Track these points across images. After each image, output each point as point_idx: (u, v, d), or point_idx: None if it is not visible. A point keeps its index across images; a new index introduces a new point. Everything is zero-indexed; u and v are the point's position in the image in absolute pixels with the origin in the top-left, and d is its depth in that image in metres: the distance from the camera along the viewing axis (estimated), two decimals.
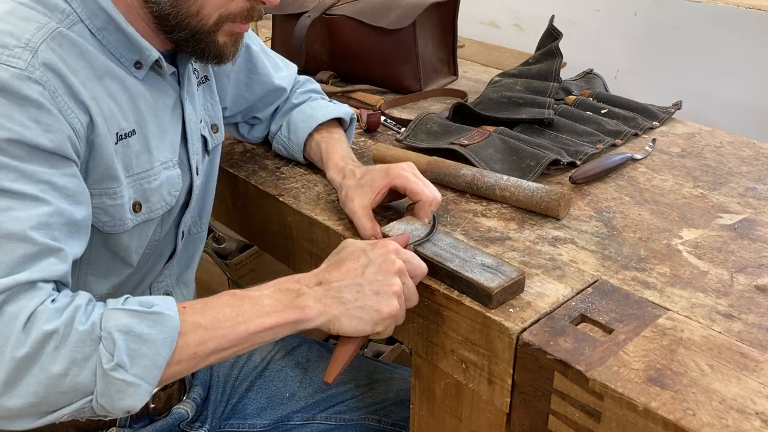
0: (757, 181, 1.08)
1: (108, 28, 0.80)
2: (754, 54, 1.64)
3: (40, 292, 0.66)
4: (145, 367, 0.67)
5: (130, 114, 0.82)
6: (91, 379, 0.66)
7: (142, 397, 0.67)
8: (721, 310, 0.78)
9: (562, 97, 1.35)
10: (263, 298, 0.74)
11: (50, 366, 0.64)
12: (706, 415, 0.63)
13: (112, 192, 0.81)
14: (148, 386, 0.67)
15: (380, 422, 1.13)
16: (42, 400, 0.65)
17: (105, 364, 0.65)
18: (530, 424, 0.76)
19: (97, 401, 0.67)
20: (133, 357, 0.66)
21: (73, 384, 0.65)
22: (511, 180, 0.99)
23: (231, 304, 0.72)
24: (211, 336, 0.70)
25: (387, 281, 0.75)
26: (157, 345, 0.67)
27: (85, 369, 0.65)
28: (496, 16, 2.12)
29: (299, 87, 1.16)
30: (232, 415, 1.10)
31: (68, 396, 0.66)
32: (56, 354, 0.65)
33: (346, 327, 0.74)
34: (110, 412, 0.68)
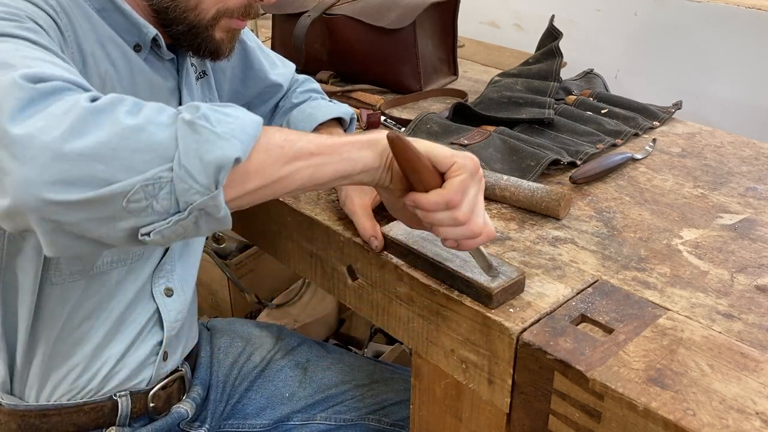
0: (758, 181, 1.08)
1: (107, 7, 0.81)
2: (754, 54, 1.64)
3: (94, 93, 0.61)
4: (235, 129, 0.59)
5: (127, 83, 0.83)
6: (172, 142, 0.57)
7: (235, 149, 0.58)
8: (721, 310, 0.78)
9: (563, 97, 1.35)
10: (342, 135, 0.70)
11: (125, 119, 0.57)
12: (707, 415, 0.63)
13: None
14: (239, 143, 0.58)
15: (380, 422, 1.13)
16: (113, 154, 0.55)
17: (188, 117, 0.58)
18: (530, 424, 0.76)
19: (180, 163, 0.57)
20: (219, 120, 0.59)
21: (150, 140, 0.57)
22: (511, 180, 0.99)
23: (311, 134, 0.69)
24: (298, 137, 0.65)
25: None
26: (243, 120, 0.61)
27: (167, 130, 0.57)
28: (496, 16, 2.12)
29: (299, 86, 1.16)
30: (232, 414, 1.10)
31: (144, 155, 0.56)
32: (132, 113, 0.58)
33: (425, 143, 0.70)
34: (196, 179, 0.57)
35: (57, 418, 0.90)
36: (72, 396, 0.91)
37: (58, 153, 0.55)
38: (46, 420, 0.90)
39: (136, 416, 0.95)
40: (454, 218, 0.69)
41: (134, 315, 0.92)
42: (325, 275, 0.98)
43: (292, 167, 0.65)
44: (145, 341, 0.94)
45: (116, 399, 0.93)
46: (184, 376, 1.02)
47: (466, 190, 0.69)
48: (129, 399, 0.94)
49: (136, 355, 0.93)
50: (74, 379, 0.90)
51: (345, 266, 0.93)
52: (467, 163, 0.70)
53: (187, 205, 0.58)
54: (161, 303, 0.94)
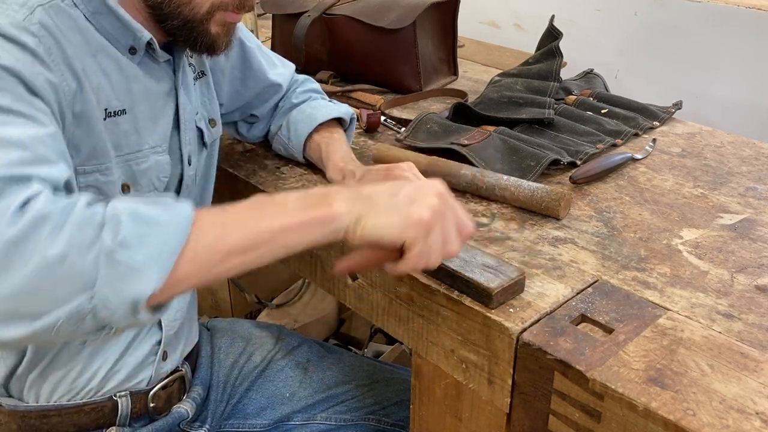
0: (758, 181, 1.08)
1: (101, 11, 0.80)
2: (754, 54, 1.64)
3: (36, 186, 0.61)
4: (155, 249, 0.59)
5: (121, 93, 0.83)
6: (92, 269, 0.58)
7: (150, 284, 0.59)
8: (721, 310, 0.78)
9: (563, 97, 1.35)
10: (289, 200, 0.67)
11: (46, 248, 0.57)
12: (707, 415, 0.63)
13: (104, 168, 0.81)
14: (158, 270, 0.59)
15: (380, 422, 1.13)
16: (35, 291, 0.57)
17: (109, 242, 0.58)
18: (530, 424, 0.76)
19: (100, 294, 0.58)
20: (140, 238, 0.59)
21: (71, 271, 0.57)
22: (511, 180, 0.99)
23: (254, 207, 0.66)
24: (231, 231, 0.63)
25: (424, 194, 0.69)
26: (168, 229, 0.60)
27: (86, 255, 0.58)
28: (496, 16, 2.12)
29: (299, 86, 1.16)
30: (233, 414, 1.10)
31: (66, 286, 0.58)
32: (53, 236, 0.57)
33: (372, 225, 0.67)
34: (115, 310, 0.59)
35: (57, 418, 0.90)
36: (72, 396, 0.91)
37: None
38: (47, 421, 0.90)
39: (136, 416, 0.95)
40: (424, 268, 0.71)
41: None
42: (325, 275, 0.98)
43: (222, 267, 0.63)
44: (143, 341, 0.94)
45: (116, 399, 0.93)
46: (184, 376, 1.02)
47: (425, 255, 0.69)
48: (129, 399, 0.94)
49: (135, 355, 0.93)
50: (73, 379, 0.90)
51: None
52: (418, 234, 0.67)
53: (111, 326, 0.61)
54: None
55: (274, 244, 0.65)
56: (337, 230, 0.67)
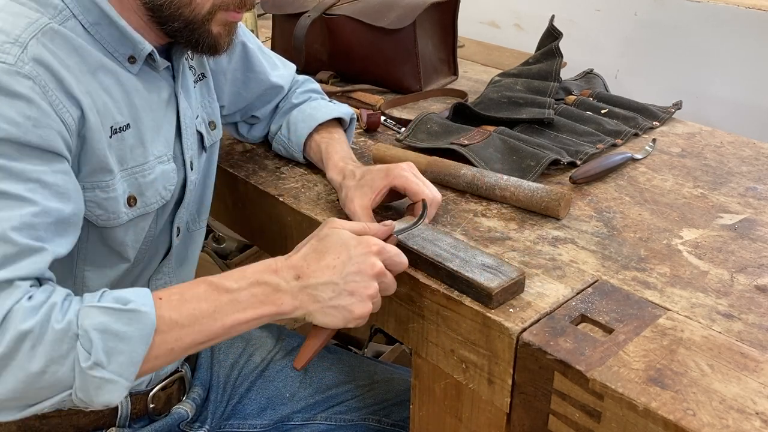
0: (757, 181, 1.08)
1: (101, 22, 0.80)
2: (754, 54, 1.64)
3: (17, 291, 0.67)
4: (123, 364, 0.68)
5: (124, 108, 0.82)
6: (70, 375, 0.67)
7: (119, 392, 0.69)
8: (721, 310, 0.78)
9: (562, 97, 1.35)
10: (240, 292, 0.74)
11: (28, 364, 0.65)
12: (706, 415, 0.63)
13: (104, 185, 0.80)
14: (125, 381, 0.69)
15: (380, 422, 1.13)
16: (22, 396, 0.67)
17: (82, 362, 0.67)
18: (530, 424, 0.76)
19: (76, 395, 0.68)
20: (110, 354, 0.67)
21: (52, 380, 0.67)
22: (511, 180, 0.99)
23: (207, 298, 0.73)
24: (188, 332, 0.72)
25: (364, 284, 0.76)
26: (133, 342, 0.68)
27: (64, 366, 0.66)
28: (496, 16, 2.12)
29: (299, 87, 1.16)
30: (232, 415, 1.10)
31: (48, 391, 0.67)
32: (33, 353, 0.65)
33: (319, 320, 0.77)
34: (89, 405, 0.70)
35: (57, 419, 0.90)
36: None
37: None
38: (46, 422, 0.90)
39: (136, 417, 0.95)
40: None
41: None
42: None
43: (180, 357, 0.74)
44: None
45: None
46: (183, 377, 1.02)
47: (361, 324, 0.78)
48: (129, 400, 0.94)
49: None
50: None
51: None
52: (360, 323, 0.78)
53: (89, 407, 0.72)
54: None
55: (227, 335, 0.75)
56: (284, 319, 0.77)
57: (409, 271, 0.83)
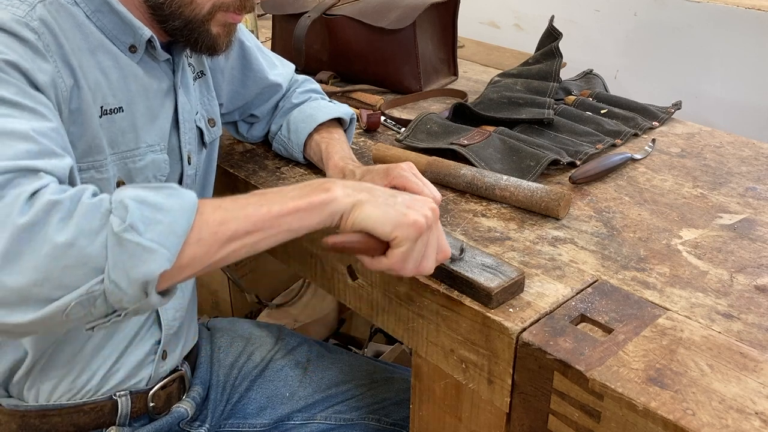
0: (757, 181, 1.08)
1: (102, 10, 0.81)
2: (754, 54, 1.64)
3: (45, 178, 0.62)
4: (162, 233, 0.60)
5: (118, 91, 0.83)
6: (101, 253, 0.59)
7: (160, 263, 0.60)
8: (720, 310, 0.78)
9: (562, 97, 1.35)
10: (288, 188, 0.70)
11: (55, 235, 0.58)
12: (706, 415, 0.63)
13: (98, 165, 0.81)
14: (166, 252, 0.60)
15: (380, 422, 1.13)
16: (46, 276, 0.58)
17: (116, 228, 0.59)
18: (530, 424, 0.76)
19: (110, 277, 0.59)
20: (147, 223, 0.60)
21: (80, 255, 0.59)
22: (511, 180, 0.99)
23: (253, 195, 0.69)
24: (233, 216, 0.65)
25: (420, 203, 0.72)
26: (173, 213, 0.62)
27: (94, 242, 0.59)
28: (496, 16, 2.12)
29: (299, 87, 1.16)
30: (232, 414, 1.10)
31: (75, 271, 0.59)
32: (62, 224, 0.59)
33: (369, 213, 0.69)
34: (125, 292, 0.60)
35: (57, 418, 0.90)
36: (71, 396, 0.91)
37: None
38: (47, 420, 0.90)
39: (136, 416, 0.95)
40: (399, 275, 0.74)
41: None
42: (325, 275, 0.98)
43: (227, 250, 0.65)
44: (143, 340, 0.94)
45: (116, 399, 0.93)
46: (184, 376, 1.02)
47: (407, 258, 0.72)
48: (129, 399, 0.94)
49: (135, 354, 0.93)
50: (73, 378, 0.90)
51: (345, 266, 0.93)
52: (409, 234, 0.70)
53: (121, 309, 0.62)
54: None
55: (275, 228, 0.67)
56: (335, 213, 0.69)
57: None
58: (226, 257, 0.66)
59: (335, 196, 0.69)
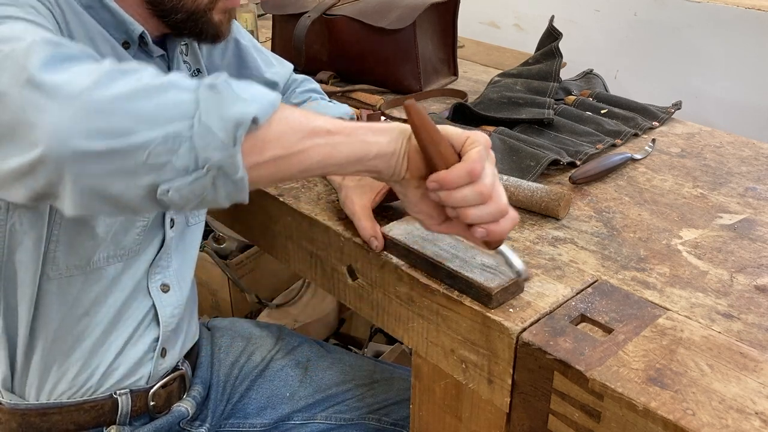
0: (757, 181, 1.08)
1: (93, 6, 0.81)
2: (754, 54, 1.64)
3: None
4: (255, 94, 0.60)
5: None
6: (193, 103, 0.58)
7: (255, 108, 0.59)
8: (720, 310, 0.78)
9: (562, 97, 1.35)
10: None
11: (151, 79, 0.58)
12: (706, 415, 0.63)
13: None
14: (259, 105, 0.60)
15: (380, 422, 1.13)
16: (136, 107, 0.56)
17: (208, 82, 0.59)
18: (530, 424, 0.76)
19: (200, 120, 0.57)
20: (241, 87, 0.60)
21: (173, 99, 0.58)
22: (511, 180, 0.99)
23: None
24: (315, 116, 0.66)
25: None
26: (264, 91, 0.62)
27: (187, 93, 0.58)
28: (496, 16, 2.12)
29: (298, 87, 1.16)
30: (233, 414, 1.10)
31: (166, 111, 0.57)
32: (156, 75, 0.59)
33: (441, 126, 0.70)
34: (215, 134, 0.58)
35: (57, 416, 0.90)
36: (72, 394, 0.91)
37: (87, 101, 0.55)
38: (47, 419, 0.90)
39: (136, 415, 0.95)
40: (478, 192, 0.68)
41: (131, 311, 0.92)
42: (325, 275, 0.98)
43: (309, 142, 0.64)
44: (142, 337, 0.94)
45: (116, 397, 0.93)
46: (184, 375, 1.02)
47: (484, 161, 0.70)
48: (129, 397, 0.94)
49: (134, 352, 0.93)
50: (73, 376, 0.90)
51: (345, 266, 0.94)
52: (479, 138, 0.70)
53: (205, 161, 0.58)
54: (157, 299, 0.94)
55: (352, 135, 0.67)
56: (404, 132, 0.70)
57: (409, 271, 0.83)
58: (307, 151, 0.64)
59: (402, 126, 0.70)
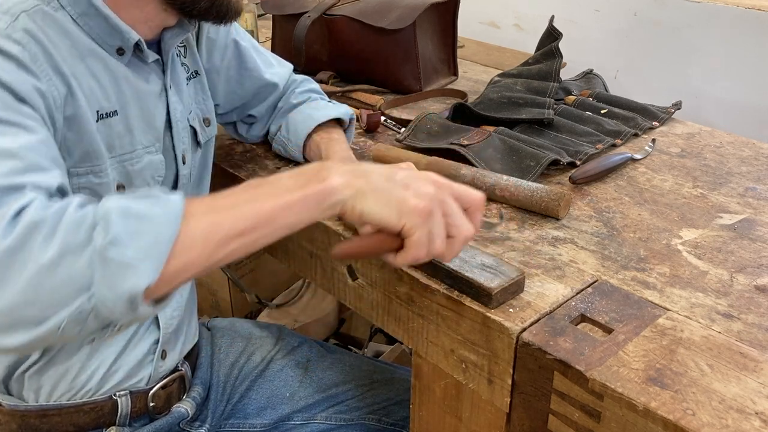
0: (757, 181, 1.08)
1: (88, 13, 0.80)
2: (754, 54, 1.64)
3: (29, 194, 0.61)
4: (147, 244, 0.59)
5: (112, 95, 0.83)
6: (87, 269, 0.58)
7: (144, 278, 0.59)
8: (720, 310, 0.78)
9: (562, 97, 1.35)
10: (282, 179, 0.66)
11: (41, 255, 0.57)
12: (706, 415, 0.63)
13: (98, 170, 0.81)
14: (151, 264, 0.59)
15: (380, 422, 1.13)
16: (34, 298, 0.58)
17: (100, 241, 0.58)
18: (530, 424, 0.76)
19: (98, 293, 0.59)
20: (131, 235, 0.59)
21: (67, 274, 0.58)
22: (511, 180, 0.99)
23: (246, 190, 0.65)
24: (225, 217, 0.62)
25: (418, 183, 0.68)
26: (159, 222, 0.60)
27: (81, 257, 0.58)
28: (496, 16, 2.12)
29: (298, 87, 1.16)
30: (233, 414, 1.10)
31: (63, 291, 0.58)
32: (47, 243, 0.58)
33: (372, 205, 0.66)
34: (113, 307, 0.59)
35: (57, 418, 0.90)
36: (71, 396, 0.91)
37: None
38: (46, 420, 0.90)
39: (136, 416, 0.95)
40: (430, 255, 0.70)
41: None
42: (325, 275, 0.98)
43: (221, 252, 0.63)
44: (141, 339, 0.94)
45: (116, 398, 0.93)
46: (184, 376, 1.02)
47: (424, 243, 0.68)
48: (129, 398, 0.94)
49: (134, 354, 0.93)
50: (72, 378, 0.90)
51: (345, 266, 0.94)
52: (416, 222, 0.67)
53: (114, 321, 0.61)
54: None
55: (272, 224, 0.64)
56: (335, 204, 0.66)
57: (409, 271, 0.83)
58: (222, 259, 0.63)
59: (334, 187, 0.65)
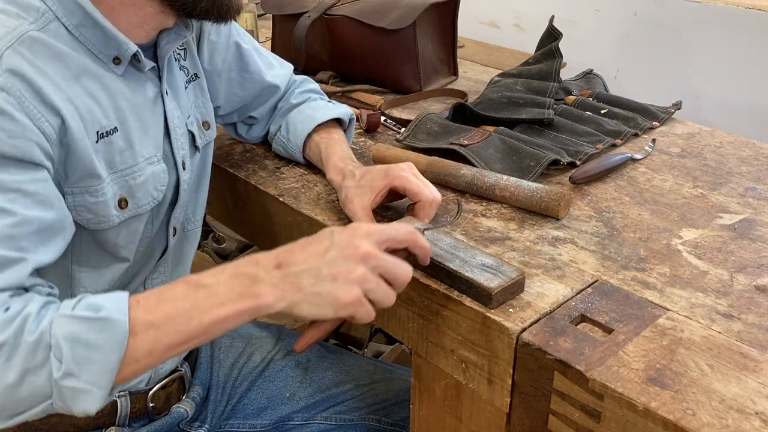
0: (757, 181, 1.08)
1: (84, 24, 0.79)
2: (754, 54, 1.64)
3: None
4: (96, 372, 0.66)
5: (110, 112, 0.82)
6: (47, 385, 0.66)
7: (96, 401, 0.67)
8: (721, 310, 0.78)
9: (562, 97, 1.35)
10: (218, 286, 0.70)
11: (4, 376, 0.65)
12: (706, 415, 0.63)
13: (93, 190, 0.80)
14: (100, 390, 0.67)
15: (380, 422, 1.13)
16: (4, 406, 0.67)
17: (55, 373, 0.66)
18: (530, 424, 0.76)
19: (57, 404, 0.67)
20: (81, 364, 0.66)
21: (30, 390, 0.66)
22: (511, 180, 0.99)
23: (185, 296, 0.70)
24: (165, 333, 0.69)
25: (347, 267, 0.69)
26: (105, 351, 0.66)
27: (40, 376, 0.66)
28: (496, 16, 2.12)
29: (298, 87, 1.16)
30: (232, 414, 1.10)
31: (28, 401, 0.67)
32: (8, 364, 0.65)
33: (306, 311, 0.71)
34: (71, 413, 0.68)
35: (56, 418, 0.90)
36: None
37: None
38: (46, 420, 0.90)
39: (135, 416, 0.95)
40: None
41: None
42: None
43: (163, 358, 0.70)
44: None
45: (116, 399, 0.93)
46: (183, 376, 1.02)
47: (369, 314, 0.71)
48: (128, 399, 0.94)
49: None
50: None
51: None
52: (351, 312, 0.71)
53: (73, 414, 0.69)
54: None
55: (208, 334, 0.71)
56: (269, 313, 0.72)
57: None
58: (166, 360, 0.73)
59: (266, 304, 0.71)
